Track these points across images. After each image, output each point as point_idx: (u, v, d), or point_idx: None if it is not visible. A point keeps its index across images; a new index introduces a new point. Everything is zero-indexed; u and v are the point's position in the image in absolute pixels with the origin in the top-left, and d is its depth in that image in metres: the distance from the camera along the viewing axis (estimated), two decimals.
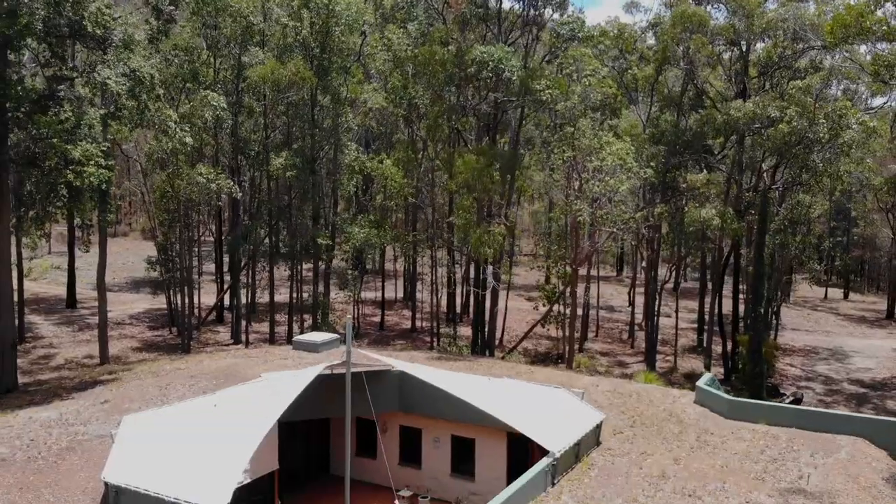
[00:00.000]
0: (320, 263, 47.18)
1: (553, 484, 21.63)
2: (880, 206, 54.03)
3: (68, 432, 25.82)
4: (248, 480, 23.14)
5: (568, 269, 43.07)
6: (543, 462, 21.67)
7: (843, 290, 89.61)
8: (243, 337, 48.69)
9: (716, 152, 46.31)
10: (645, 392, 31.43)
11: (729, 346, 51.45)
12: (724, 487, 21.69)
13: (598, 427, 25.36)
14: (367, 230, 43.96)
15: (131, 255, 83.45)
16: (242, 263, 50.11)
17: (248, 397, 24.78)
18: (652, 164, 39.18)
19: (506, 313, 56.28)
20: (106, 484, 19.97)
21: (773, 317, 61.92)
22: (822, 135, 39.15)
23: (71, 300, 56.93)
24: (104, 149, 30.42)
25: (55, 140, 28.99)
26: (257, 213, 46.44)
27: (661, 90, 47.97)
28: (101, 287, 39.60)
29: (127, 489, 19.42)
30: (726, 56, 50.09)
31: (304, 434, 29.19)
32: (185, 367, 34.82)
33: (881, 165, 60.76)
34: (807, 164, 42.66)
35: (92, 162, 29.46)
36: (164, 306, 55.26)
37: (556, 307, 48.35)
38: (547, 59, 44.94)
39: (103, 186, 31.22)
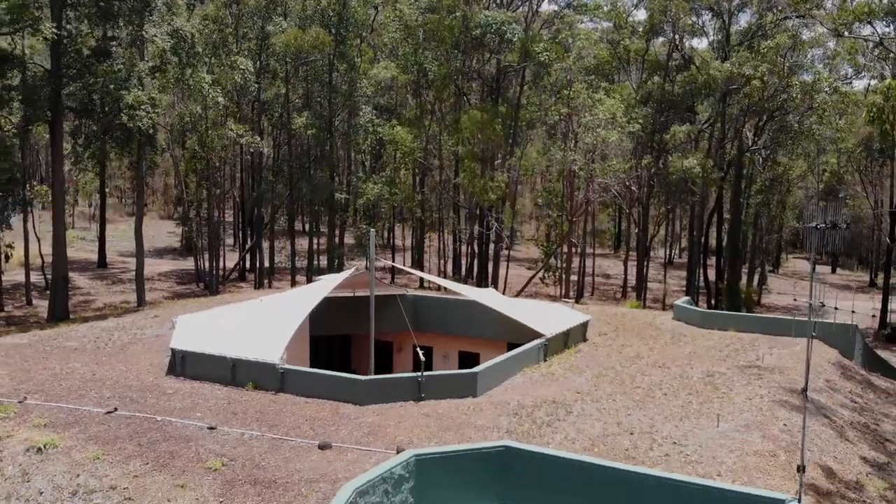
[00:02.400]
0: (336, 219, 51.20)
1: (545, 359, 25.60)
2: (855, 168, 57.59)
3: (128, 333, 29.81)
4: None
5: (565, 221, 47.00)
6: (536, 341, 25.65)
7: (831, 266, 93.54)
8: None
9: (698, 114, 50.35)
10: (629, 313, 35.46)
11: (713, 302, 55.38)
12: (689, 363, 25.65)
13: (585, 325, 29.34)
14: (381, 186, 47.93)
15: (150, 230, 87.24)
16: (265, 221, 54.14)
17: (287, 297, 28.77)
18: (640, 121, 43.12)
19: (507, 277, 60.25)
20: (173, 350, 23.95)
21: (759, 280, 65.81)
22: (794, 95, 43.07)
23: (101, 260, 61.04)
24: (152, 96, 34.44)
25: (111, 87, 32.99)
26: (279, 171, 50.48)
27: (651, 59, 51.95)
28: (139, 231, 43.59)
29: (192, 353, 23.41)
30: (711, 34, 54.15)
31: (328, 353, 33.09)
32: (220, 299, 38.90)
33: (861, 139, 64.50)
34: (784, 126, 46.59)
35: (143, 107, 33.50)
36: (188, 267, 59.35)
37: (553, 262, 52.36)
38: (545, 28, 49.03)
39: (150, 130, 35.26)
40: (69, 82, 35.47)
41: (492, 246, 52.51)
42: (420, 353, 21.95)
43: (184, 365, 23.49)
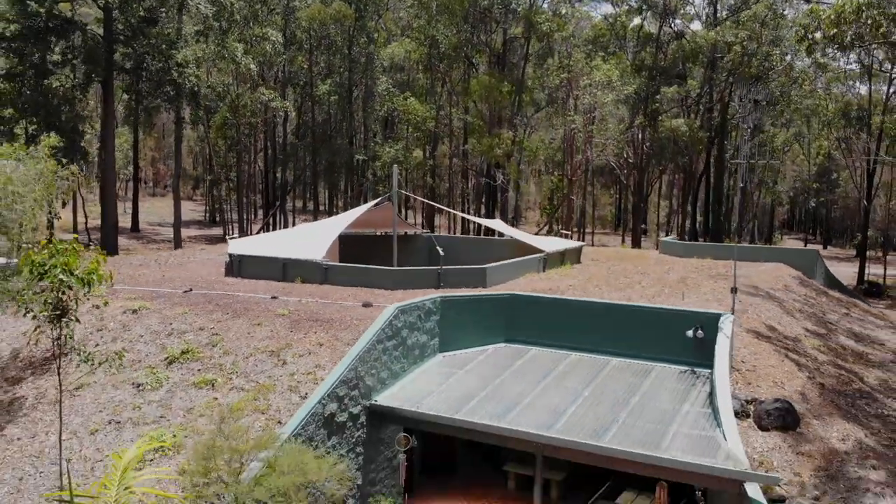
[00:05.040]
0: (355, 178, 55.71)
1: (543, 270, 29.97)
2: (835, 137, 61.39)
3: (182, 258, 34.24)
4: None
5: (566, 181, 51.36)
6: (536, 255, 30.02)
7: (823, 244, 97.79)
8: None
9: (688, 85, 54.81)
10: (621, 249, 39.86)
11: None
12: (668, 272, 30.02)
13: (580, 250, 33.73)
14: (395, 149, 52.38)
15: (172, 208, 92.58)
16: (288, 187, 58.64)
17: (320, 223, 33.22)
18: (633, 85, 47.49)
19: None
20: (230, 255, 28.36)
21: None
22: (775, 62, 47.40)
23: (135, 225, 65.62)
24: (198, 55, 38.92)
25: (163, 47, 37.48)
26: (304, 136, 55.03)
27: (645, 33, 56.37)
28: (177, 186, 48.05)
29: (247, 255, 27.85)
30: (703, 13, 58.55)
31: None
32: None
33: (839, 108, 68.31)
34: (768, 95, 50.90)
35: (189, 66, 37.96)
36: (214, 234, 63.88)
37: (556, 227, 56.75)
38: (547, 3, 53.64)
39: (195, 88, 39.73)
40: (120, 46, 39.97)
41: (497, 179, 56.44)
42: (440, 249, 26.33)
43: (240, 266, 27.88)
